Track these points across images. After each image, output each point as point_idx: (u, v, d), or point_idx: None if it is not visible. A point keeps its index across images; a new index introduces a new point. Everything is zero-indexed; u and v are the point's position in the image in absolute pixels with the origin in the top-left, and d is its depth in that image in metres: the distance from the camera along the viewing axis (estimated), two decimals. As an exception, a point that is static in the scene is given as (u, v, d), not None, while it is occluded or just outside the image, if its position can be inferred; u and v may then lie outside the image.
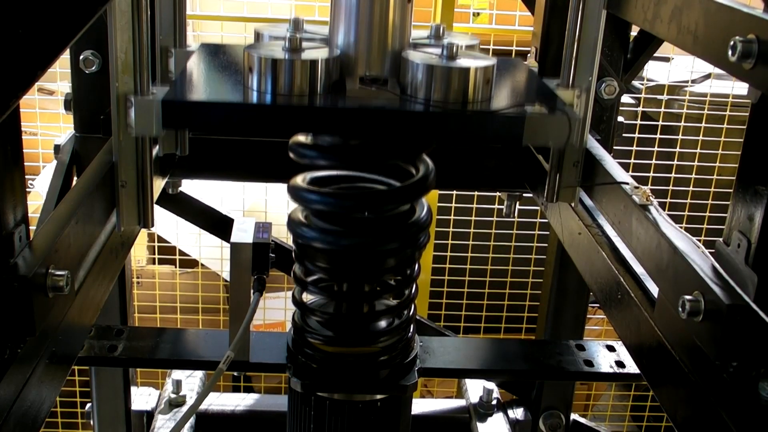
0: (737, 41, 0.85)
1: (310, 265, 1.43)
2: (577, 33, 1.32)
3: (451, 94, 1.24)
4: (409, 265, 1.46)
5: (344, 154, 1.37)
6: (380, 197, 1.38)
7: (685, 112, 2.91)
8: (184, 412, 1.87)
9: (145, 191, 1.28)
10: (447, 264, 2.95)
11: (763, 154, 0.98)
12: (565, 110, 1.26)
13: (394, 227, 1.40)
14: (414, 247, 1.41)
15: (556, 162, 1.39)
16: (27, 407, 0.95)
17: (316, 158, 1.36)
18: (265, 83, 1.23)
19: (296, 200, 1.38)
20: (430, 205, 1.48)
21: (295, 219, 1.41)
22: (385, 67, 1.34)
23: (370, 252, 1.39)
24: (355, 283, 1.45)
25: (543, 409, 2.01)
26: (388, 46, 1.34)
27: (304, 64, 1.22)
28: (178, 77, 1.35)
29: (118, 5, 1.15)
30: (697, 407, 0.96)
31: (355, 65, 1.34)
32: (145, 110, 1.19)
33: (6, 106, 0.81)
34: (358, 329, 1.47)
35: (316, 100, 1.23)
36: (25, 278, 0.91)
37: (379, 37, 1.33)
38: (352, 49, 1.33)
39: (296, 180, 1.39)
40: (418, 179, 1.36)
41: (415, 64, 1.25)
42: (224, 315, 2.98)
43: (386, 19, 1.33)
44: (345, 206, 1.37)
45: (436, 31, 1.46)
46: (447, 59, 1.25)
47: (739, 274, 0.97)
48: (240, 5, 2.76)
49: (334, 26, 1.35)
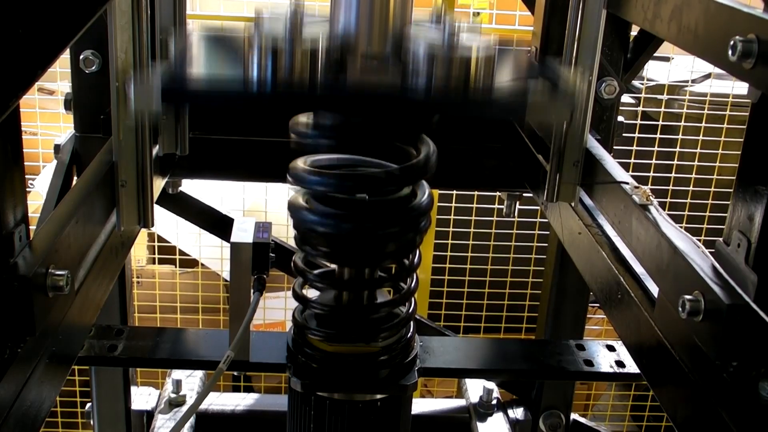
0: (737, 41, 0.85)
1: (311, 250, 1.42)
2: (577, 33, 1.32)
3: (454, 71, 1.22)
4: (410, 250, 1.45)
5: (344, 134, 1.35)
6: (380, 179, 1.36)
7: (685, 112, 2.91)
8: (184, 411, 1.86)
9: (145, 191, 1.28)
10: (447, 264, 2.95)
11: (763, 154, 0.98)
12: (569, 86, 1.24)
13: (395, 210, 1.38)
14: (415, 231, 1.40)
15: (556, 161, 1.39)
16: (27, 407, 0.95)
17: (316, 138, 1.35)
18: (265, 61, 1.21)
19: (296, 182, 1.37)
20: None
21: (296, 203, 1.40)
22: (386, 45, 1.33)
23: (370, 234, 1.37)
24: (355, 266, 1.43)
25: (543, 409, 2.01)
26: (389, 25, 1.32)
27: (305, 41, 1.21)
28: (178, 54, 1.33)
29: (118, 5, 1.15)
30: (697, 407, 0.96)
31: (356, 46, 1.33)
32: (144, 86, 1.17)
33: (6, 106, 0.81)
34: (359, 321, 1.47)
35: (316, 82, 1.22)
36: (25, 278, 0.91)
37: (380, 16, 1.32)
38: (353, 28, 1.32)
39: (296, 162, 1.38)
40: (419, 161, 1.34)
41: (416, 42, 1.24)
42: (224, 315, 2.98)
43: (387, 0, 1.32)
44: (344, 187, 1.35)
45: (438, 12, 1.44)
46: (449, 37, 1.24)
47: (739, 274, 0.97)
48: (240, 5, 2.76)
49: (334, 5, 1.34)
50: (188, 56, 1.32)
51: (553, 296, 1.93)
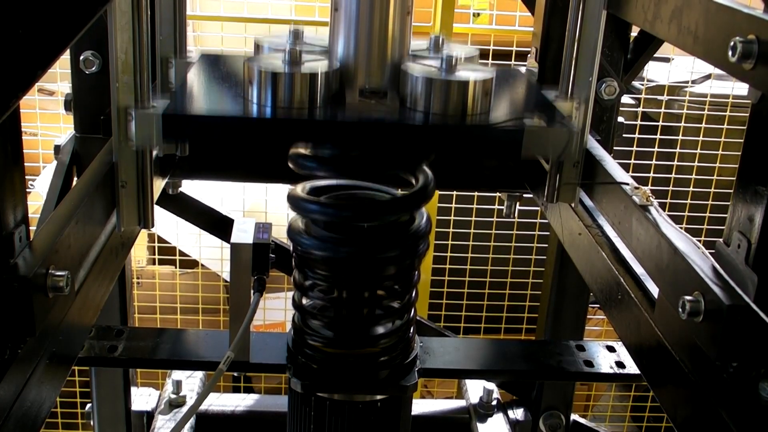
0: (737, 42, 0.85)
1: (310, 273, 1.43)
2: (578, 33, 1.32)
3: (450, 106, 1.25)
4: (409, 273, 1.46)
5: (344, 166, 1.36)
6: (379, 208, 1.37)
7: (685, 112, 2.91)
8: (184, 412, 1.87)
9: (145, 191, 1.28)
10: (447, 264, 2.95)
11: (763, 154, 0.98)
12: (564, 122, 1.26)
13: (393, 237, 1.39)
14: (413, 256, 1.41)
15: (556, 162, 1.39)
16: (27, 407, 0.95)
17: (316, 169, 1.36)
18: (265, 96, 1.23)
19: (296, 210, 1.38)
20: (430, 209, 1.47)
21: (295, 228, 1.41)
22: (384, 78, 1.34)
23: (369, 261, 1.38)
24: (354, 291, 1.44)
25: (543, 410, 2.01)
26: (387, 58, 1.34)
27: (304, 76, 1.23)
28: (179, 89, 1.35)
29: (118, 5, 1.15)
30: (697, 407, 0.96)
31: (354, 77, 1.34)
32: (145, 123, 1.20)
33: (6, 106, 0.81)
34: (358, 334, 1.47)
35: (316, 113, 1.24)
36: (25, 278, 0.91)
37: (378, 49, 1.34)
38: (352, 61, 1.34)
39: (296, 189, 1.39)
40: (417, 190, 1.35)
41: (414, 77, 1.26)
42: (224, 315, 2.98)
43: (386, 31, 1.34)
44: (343, 216, 1.36)
45: (436, 43, 1.46)
46: (446, 72, 1.26)
47: (739, 274, 0.97)
48: (240, 5, 2.76)
49: (333, 38, 1.35)
50: (188, 89, 1.33)
51: (553, 297, 1.93)
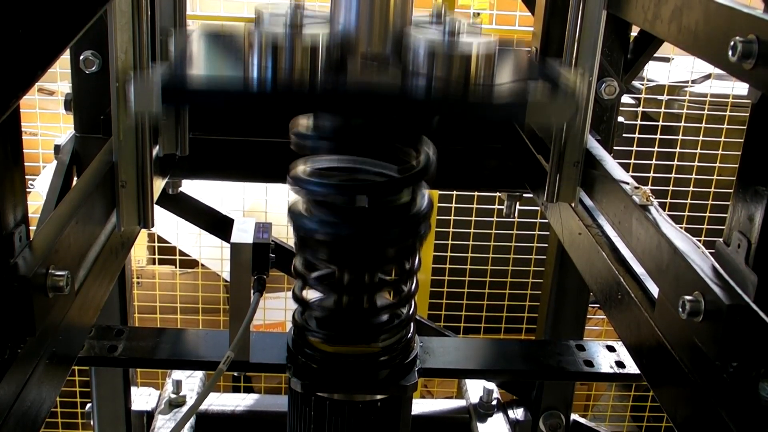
0: (737, 41, 0.85)
1: (311, 256, 1.42)
2: (577, 33, 1.32)
3: (454, 71, 1.21)
4: (410, 256, 1.44)
5: (344, 136, 1.35)
6: (379, 188, 1.36)
7: (685, 112, 2.91)
8: (184, 412, 1.87)
9: (145, 191, 1.28)
10: (447, 264, 2.95)
11: (763, 154, 0.98)
12: (570, 87, 1.23)
13: (394, 216, 1.38)
14: (414, 236, 1.40)
15: (556, 162, 1.39)
16: (27, 407, 0.95)
17: (316, 141, 1.34)
18: (265, 60, 1.21)
19: (296, 189, 1.37)
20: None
21: (295, 209, 1.40)
22: (386, 45, 1.33)
23: (370, 241, 1.37)
24: (355, 274, 1.43)
25: (543, 410, 2.01)
26: (389, 25, 1.32)
27: (305, 40, 1.20)
28: (178, 55, 1.33)
29: (118, 5, 1.15)
30: (697, 407, 0.96)
31: (356, 43, 1.32)
32: (144, 86, 1.16)
33: (6, 106, 0.81)
34: (359, 324, 1.47)
35: (317, 79, 1.22)
36: (25, 278, 0.91)
37: (380, 15, 1.31)
38: (353, 27, 1.31)
39: (296, 169, 1.38)
40: (418, 169, 1.34)
41: (417, 42, 1.24)
42: (224, 315, 2.98)
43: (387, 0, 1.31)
44: (343, 196, 1.35)
45: (438, 11, 1.44)
46: (449, 36, 1.24)
47: (739, 274, 0.97)
48: (240, 5, 2.76)
49: (334, 4, 1.33)
50: (188, 56, 1.32)
51: (553, 296, 1.93)
